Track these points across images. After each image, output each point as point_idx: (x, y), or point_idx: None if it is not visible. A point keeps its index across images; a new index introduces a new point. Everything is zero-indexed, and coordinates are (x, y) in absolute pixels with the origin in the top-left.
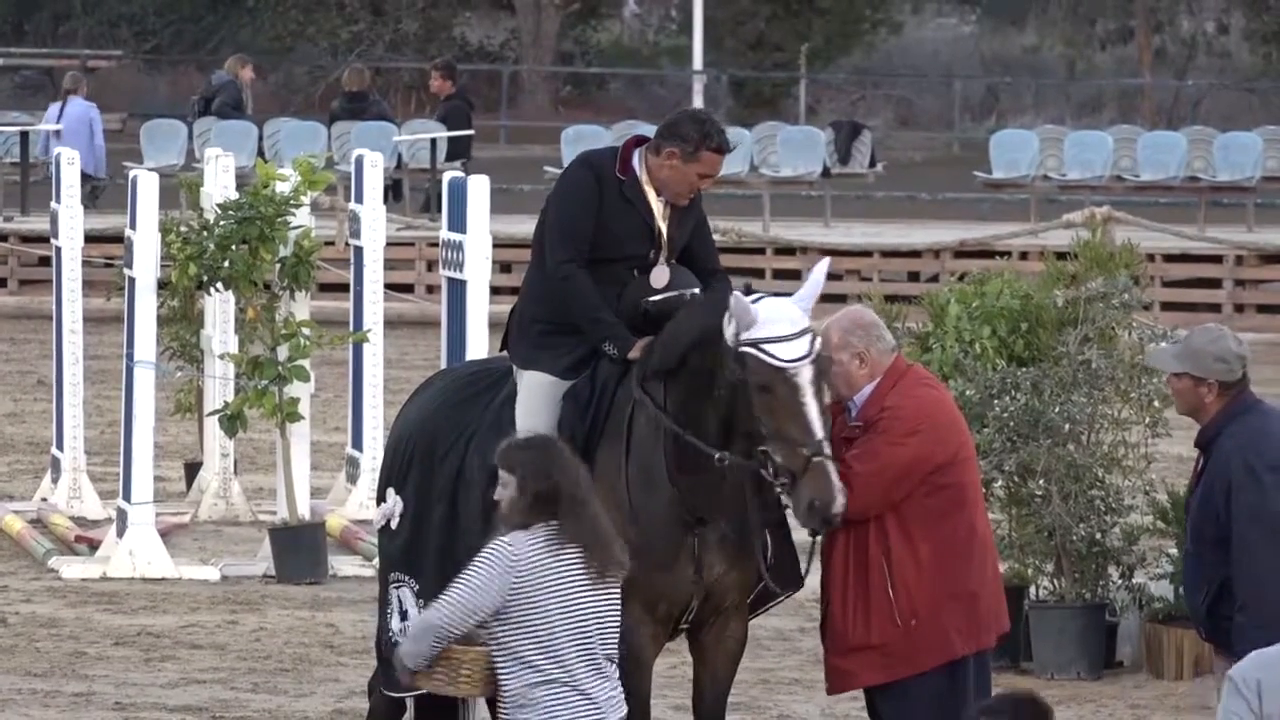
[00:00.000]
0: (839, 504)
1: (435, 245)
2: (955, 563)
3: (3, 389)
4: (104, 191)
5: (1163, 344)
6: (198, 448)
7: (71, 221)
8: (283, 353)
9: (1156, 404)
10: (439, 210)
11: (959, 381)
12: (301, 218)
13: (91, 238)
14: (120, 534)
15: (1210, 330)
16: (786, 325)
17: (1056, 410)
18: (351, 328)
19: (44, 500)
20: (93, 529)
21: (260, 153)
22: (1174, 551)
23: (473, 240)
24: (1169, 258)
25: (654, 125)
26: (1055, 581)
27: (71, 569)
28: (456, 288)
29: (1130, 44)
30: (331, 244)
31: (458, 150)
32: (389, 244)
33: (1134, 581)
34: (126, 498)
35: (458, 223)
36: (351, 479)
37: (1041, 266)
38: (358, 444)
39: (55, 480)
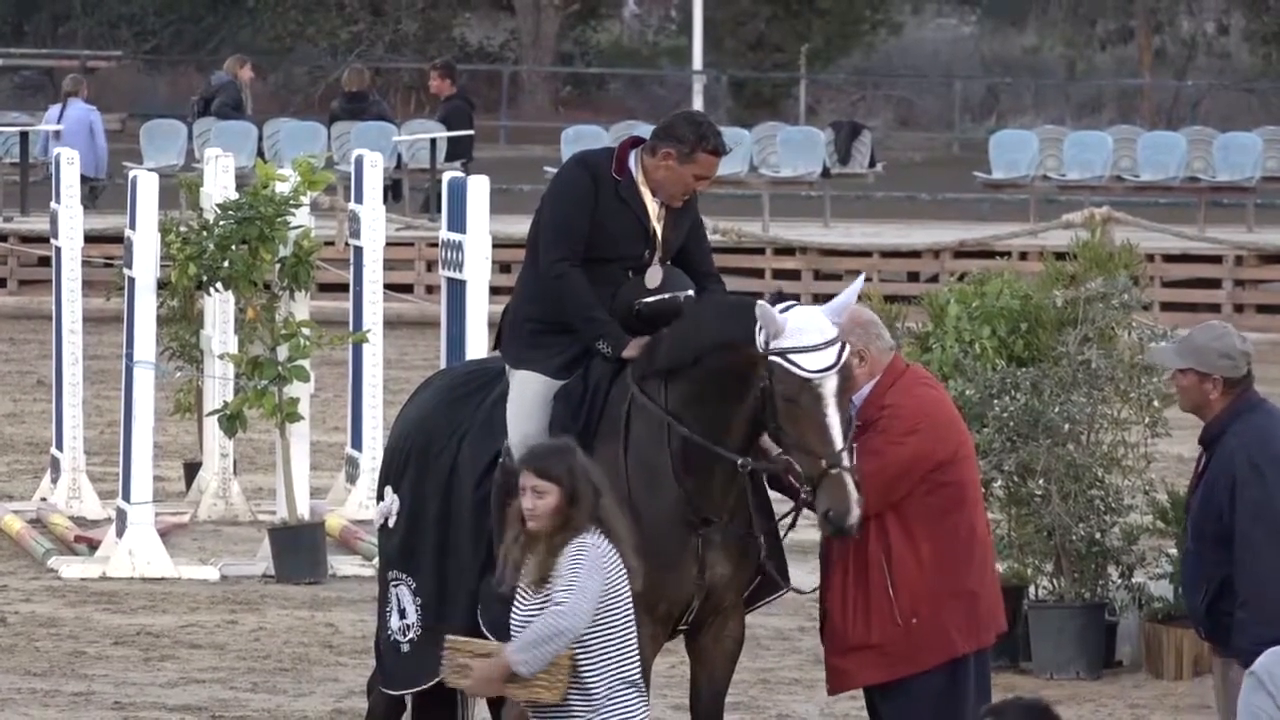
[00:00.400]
0: (854, 515)
1: (435, 245)
2: (955, 561)
3: (2, 389)
4: (103, 192)
5: (1163, 342)
6: (197, 448)
7: (71, 222)
8: (282, 353)
9: (1156, 404)
10: (438, 210)
11: (959, 381)
12: (301, 218)
13: (91, 238)
14: (120, 534)
15: (1215, 327)
16: (815, 335)
17: (1056, 410)
18: (351, 328)
19: (43, 500)
20: (92, 529)
21: (260, 153)
22: (1173, 551)
23: (472, 240)
24: (1169, 258)
25: (654, 126)
26: (1055, 581)
27: (71, 569)
28: (456, 288)
29: (1130, 44)
30: (331, 244)
31: (458, 150)
32: (388, 244)
33: (1133, 581)
34: (126, 498)
35: (457, 223)
36: (351, 479)
37: (1041, 267)
38: (357, 444)
39: (55, 480)
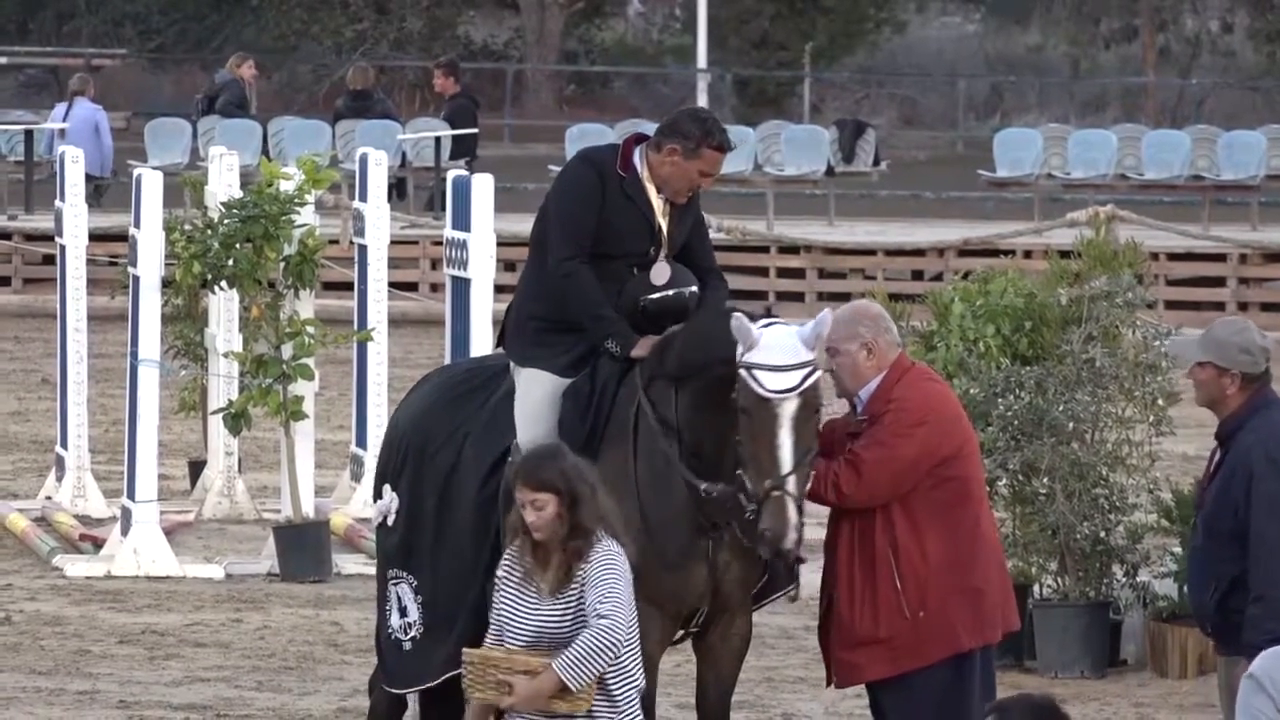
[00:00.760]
0: (790, 539)
1: (439, 244)
2: (961, 557)
3: (7, 387)
4: (108, 190)
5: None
6: (202, 446)
7: (76, 220)
8: (287, 351)
9: (1160, 402)
10: (443, 209)
11: (963, 380)
12: (306, 216)
13: (96, 236)
14: (124, 532)
15: (1235, 322)
16: (781, 355)
17: (1060, 409)
18: (355, 326)
19: (48, 498)
20: (97, 527)
21: (265, 151)
22: (1178, 550)
23: (477, 239)
24: (1173, 256)
25: (658, 124)
26: (1059, 580)
27: (76, 567)
28: (460, 286)
29: (1134, 43)
30: (336, 242)
31: (463, 149)
32: (393, 242)
33: (1138, 580)
34: (131, 496)
35: (462, 221)
36: (356, 477)
37: (1045, 265)
38: (362, 442)
39: (60, 478)
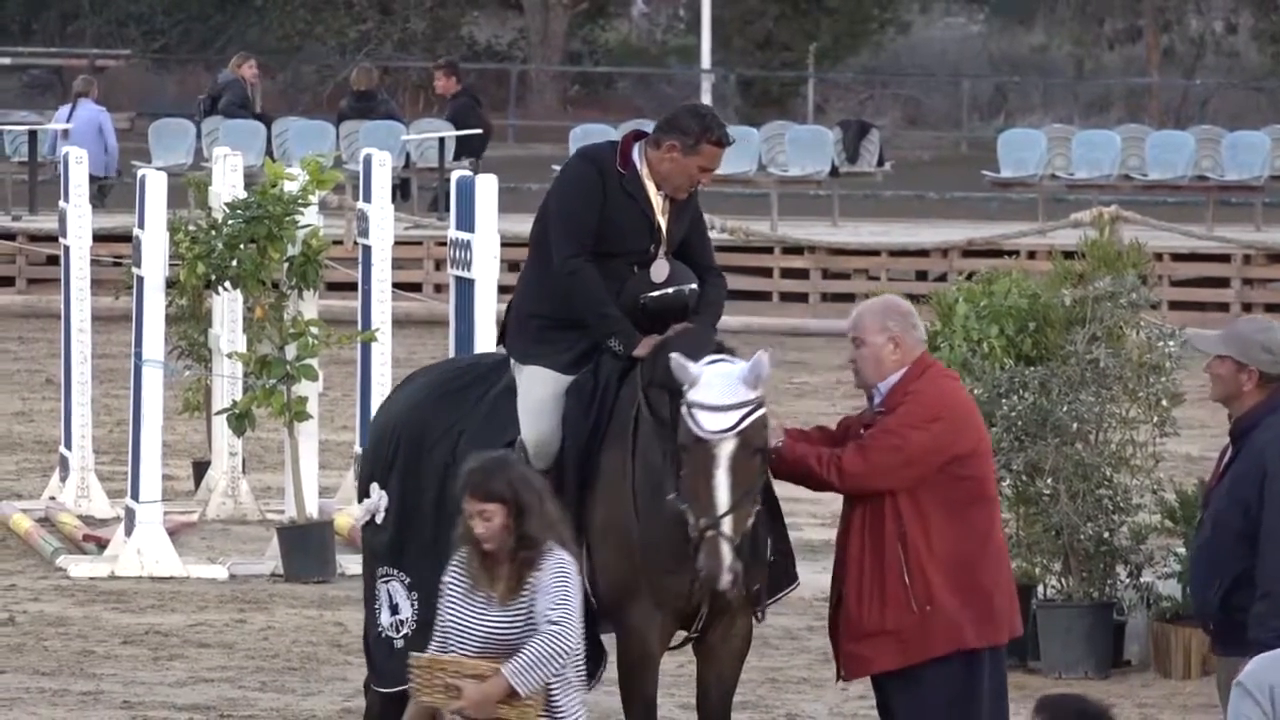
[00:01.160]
0: (724, 580)
1: (443, 244)
2: (971, 556)
3: (11, 388)
4: (112, 190)
5: (1171, 342)
6: (206, 446)
7: (80, 220)
8: (291, 351)
9: (1164, 403)
10: (447, 209)
11: (967, 381)
12: (310, 217)
13: (100, 237)
14: (128, 533)
15: (1259, 320)
16: (718, 395)
17: (1064, 409)
18: (359, 327)
19: (52, 499)
20: (101, 528)
21: (269, 152)
22: (1182, 550)
23: (481, 239)
24: (1177, 257)
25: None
26: (1063, 580)
27: (79, 568)
28: (465, 287)
29: (1138, 43)
30: (339, 243)
31: (469, 148)
32: (397, 243)
33: (1142, 580)
34: (135, 496)
35: (466, 222)
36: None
37: (1049, 266)
38: (365, 443)
39: (63, 479)
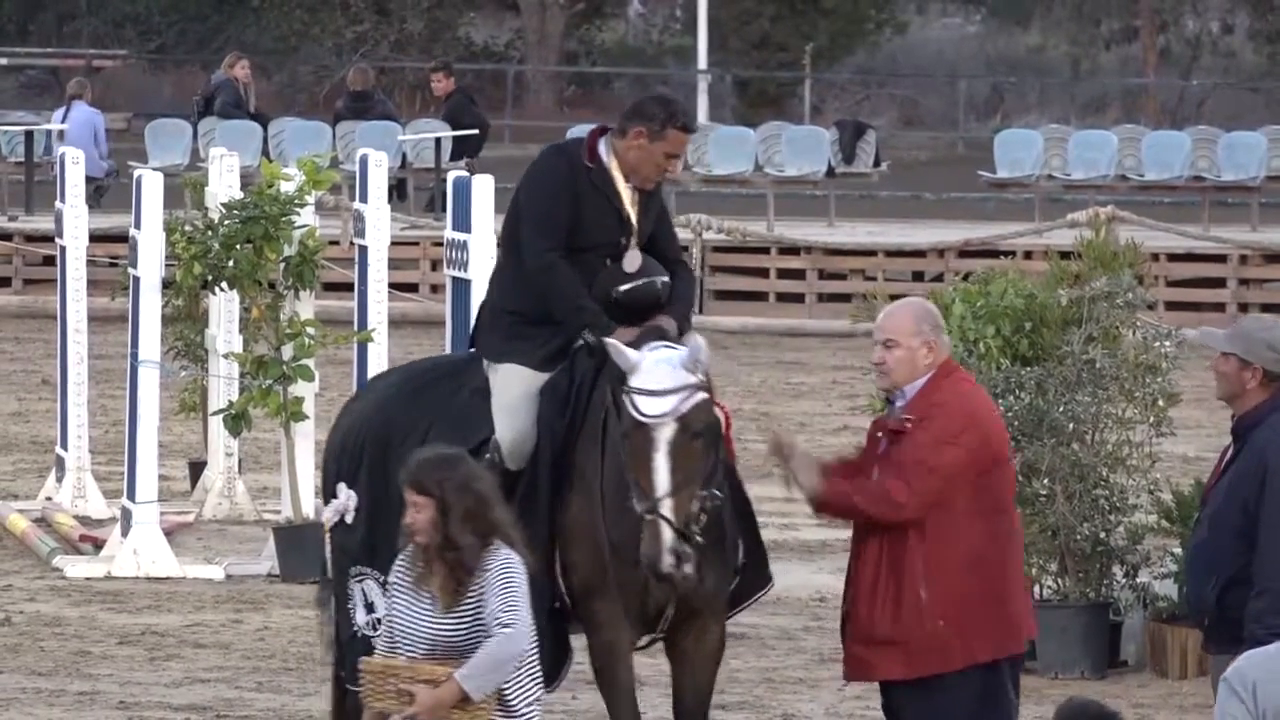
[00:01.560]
0: (665, 563)
1: (440, 245)
2: (991, 565)
3: (7, 388)
4: (108, 191)
5: (1168, 342)
6: (202, 447)
7: (76, 221)
8: (287, 352)
9: (1161, 403)
10: (443, 209)
11: None
12: (306, 217)
13: (96, 237)
14: (125, 533)
15: (1265, 319)
16: (657, 380)
17: (1061, 410)
18: (356, 327)
19: (48, 499)
20: (97, 528)
21: (265, 152)
22: (1178, 551)
23: (477, 239)
24: (1173, 257)
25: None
26: (1059, 581)
27: (76, 568)
28: (461, 287)
29: (1135, 44)
30: (336, 243)
31: (466, 147)
32: (393, 243)
33: (1138, 581)
34: (131, 497)
35: (462, 222)
36: None
37: (1046, 266)
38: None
39: (60, 479)
